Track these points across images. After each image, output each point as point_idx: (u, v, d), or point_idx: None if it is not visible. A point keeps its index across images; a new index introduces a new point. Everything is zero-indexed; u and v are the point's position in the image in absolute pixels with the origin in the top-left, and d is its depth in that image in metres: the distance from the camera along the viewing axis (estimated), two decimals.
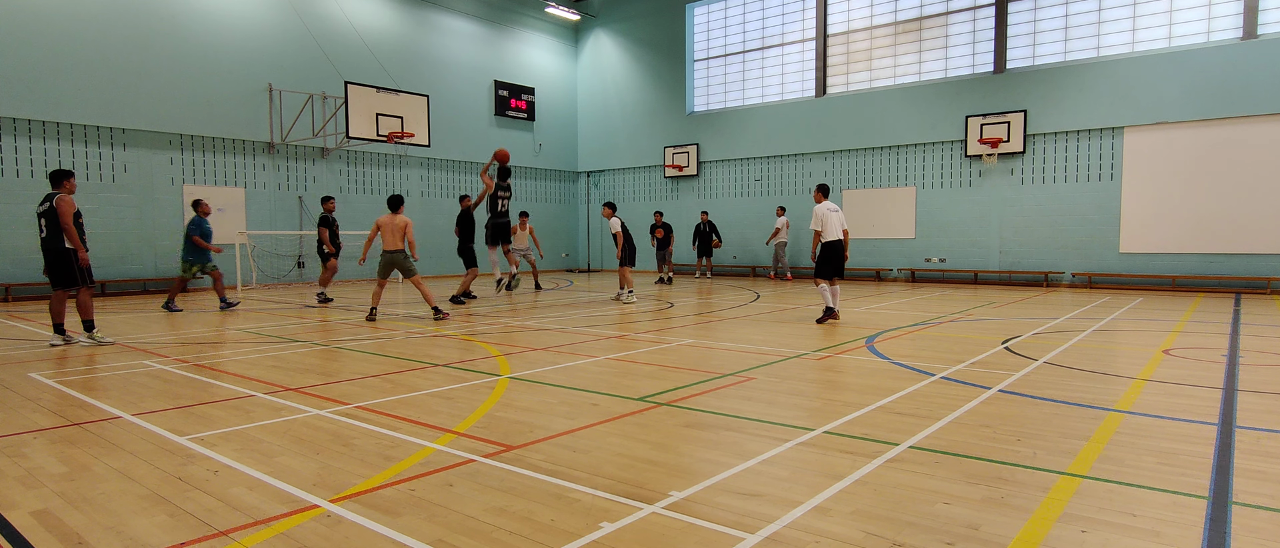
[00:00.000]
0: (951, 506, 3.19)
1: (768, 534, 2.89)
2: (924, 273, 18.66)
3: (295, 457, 3.94)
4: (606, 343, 8.11)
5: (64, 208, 7.99)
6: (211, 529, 2.98)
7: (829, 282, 9.75)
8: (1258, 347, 7.67)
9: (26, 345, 8.22)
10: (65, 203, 8.01)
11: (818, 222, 9.71)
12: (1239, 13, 14.90)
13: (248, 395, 5.50)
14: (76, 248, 8.06)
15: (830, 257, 9.72)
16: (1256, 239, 14.73)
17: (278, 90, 17.56)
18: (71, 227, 7.99)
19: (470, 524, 3.01)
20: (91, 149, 14.96)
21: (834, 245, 9.70)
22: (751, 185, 21.79)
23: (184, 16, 16.12)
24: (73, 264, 8.10)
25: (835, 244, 9.70)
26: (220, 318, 10.97)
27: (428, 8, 21.00)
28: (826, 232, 9.67)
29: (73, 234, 8.00)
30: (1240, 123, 14.84)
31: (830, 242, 9.70)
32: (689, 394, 5.44)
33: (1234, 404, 5.09)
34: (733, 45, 22.37)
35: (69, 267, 8.08)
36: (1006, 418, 4.69)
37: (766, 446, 4.10)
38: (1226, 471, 3.65)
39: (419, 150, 20.50)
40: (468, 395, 5.46)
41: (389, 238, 10.42)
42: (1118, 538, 2.85)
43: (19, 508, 3.25)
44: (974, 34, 18.03)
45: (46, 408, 5.15)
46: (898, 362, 6.80)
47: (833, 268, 9.71)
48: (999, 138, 17.14)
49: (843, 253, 9.73)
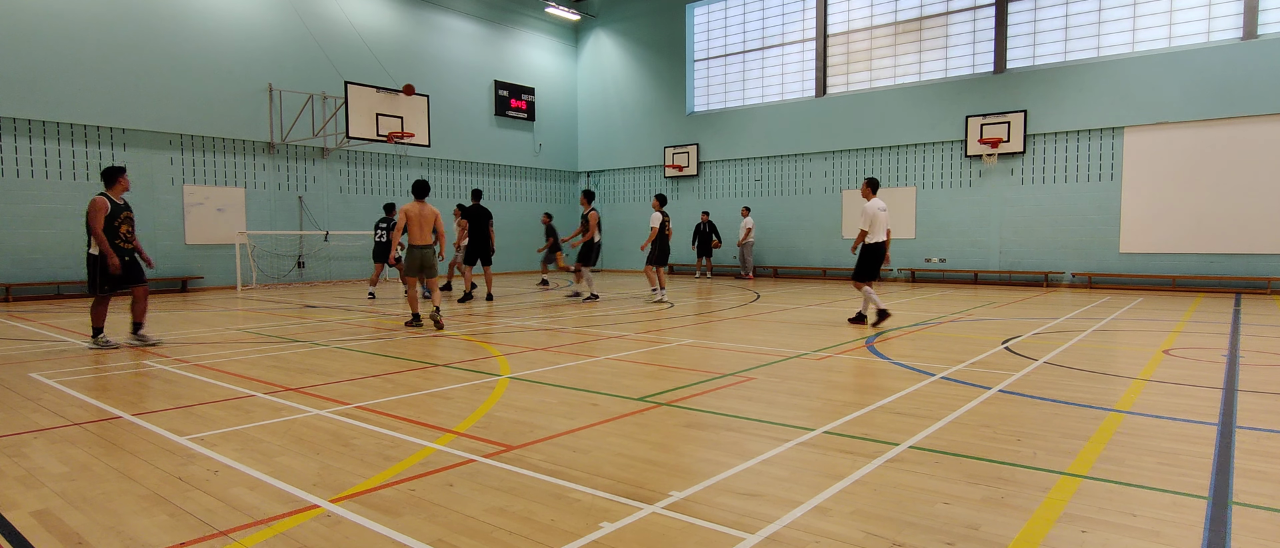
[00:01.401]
0: (951, 506, 3.19)
1: (768, 534, 2.89)
2: (924, 273, 18.66)
3: (295, 457, 3.94)
4: (606, 343, 8.11)
5: (90, 209, 7.64)
6: (212, 529, 2.98)
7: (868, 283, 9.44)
8: (1258, 347, 7.67)
9: (27, 345, 8.22)
10: (93, 203, 7.64)
11: (866, 220, 9.24)
12: (1239, 13, 14.89)
13: (248, 395, 5.50)
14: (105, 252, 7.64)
15: (875, 258, 9.31)
16: (1256, 239, 14.73)
17: (278, 90, 17.56)
18: (98, 229, 7.58)
19: (470, 524, 3.01)
20: (91, 149, 14.97)
21: (879, 247, 9.31)
22: (751, 185, 21.79)
23: (184, 17, 16.12)
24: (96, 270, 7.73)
25: (880, 246, 9.31)
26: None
27: (428, 8, 21.01)
28: (874, 231, 9.24)
29: (100, 238, 7.58)
30: (1240, 123, 14.84)
31: (875, 243, 9.28)
32: (689, 394, 5.44)
33: (1234, 404, 5.09)
34: (733, 45, 22.37)
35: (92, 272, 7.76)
36: (1006, 418, 4.69)
37: (766, 446, 4.10)
38: (1226, 471, 3.65)
39: (419, 150, 20.50)
40: (468, 395, 5.46)
41: (418, 231, 9.28)
42: (1118, 538, 2.85)
43: (19, 508, 3.25)
44: (974, 34, 18.04)
45: (46, 408, 5.15)
46: (898, 362, 6.80)
47: (875, 270, 9.35)
48: (999, 138, 17.14)
49: (885, 254, 9.39)
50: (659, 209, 12.94)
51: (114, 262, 7.66)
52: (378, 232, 14.65)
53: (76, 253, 14.67)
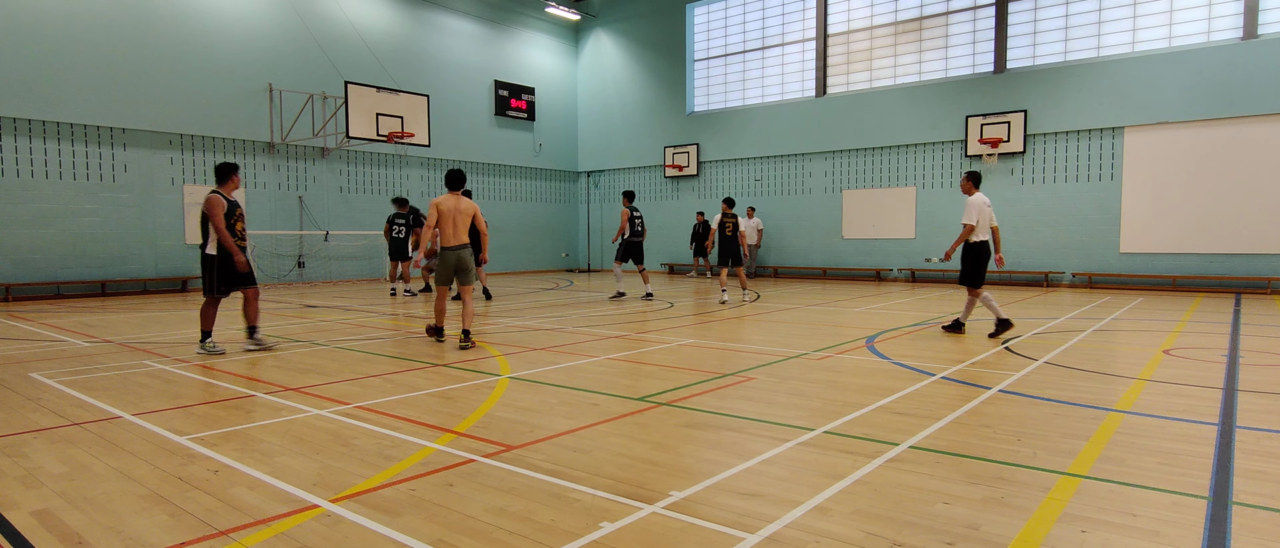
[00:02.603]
0: (951, 506, 3.19)
1: (768, 534, 2.89)
2: (924, 273, 18.66)
3: (295, 457, 3.94)
4: (606, 343, 8.11)
5: (208, 207, 7.30)
6: (212, 529, 2.98)
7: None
8: (1258, 347, 7.67)
9: (27, 345, 8.22)
10: (210, 201, 7.31)
11: (972, 215, 8.36)
12: (1239, 13, 14.89)
13: (248, 395, 5.50)
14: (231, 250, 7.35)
15: (983, 258, 8.47)
16: (1256, 239, 14.73)
17: (278, 90, 17.56)
18: (221, 226, 7.28)
19: (470, 524, 3.01)
20: (91, 149, 14.96)
21: (986, 246, 8.47)
22: (752, 185, 21.79)
23: (184, 17, 16.12)
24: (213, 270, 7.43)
25: (987, 245, 8.47)
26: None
27: (428, 8, 21.00)
28: (980, 229, 8.41)
29: (225, 235, 7.28)
30: (1240, 123, 14.84)
31: (981, 242, 8.45)
32: (689, 394, 5.44)
33: (1234, 404, 5.09)
34: (733, 45, 22.37)
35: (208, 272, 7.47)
36: (1006, 418, 4.69)
37: (766, 446, 4.10)
38: (1226, 471, 3.65)
39: (419, 150, 20.50)
40: (468, 395, 5.46)
41: (451, 229, 7.85)
42: (1118, 538, 2.85)
43: (19, 508, 3.25)
44: (974, 34, 18.03)
45: (47, 408, 5.15)
46: (898, 362, 6.80)
47: (984, 271, 8.51)
48: (999, 138, 17.14)
49: (993, 254, 8.55)
50: (729, 211, 13.11)
51: (241, 259, 7.40)
52: (395, 228, 14.42)
53: (77, 253, 14.67)
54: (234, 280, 7.55)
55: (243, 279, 7.62)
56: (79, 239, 14.77)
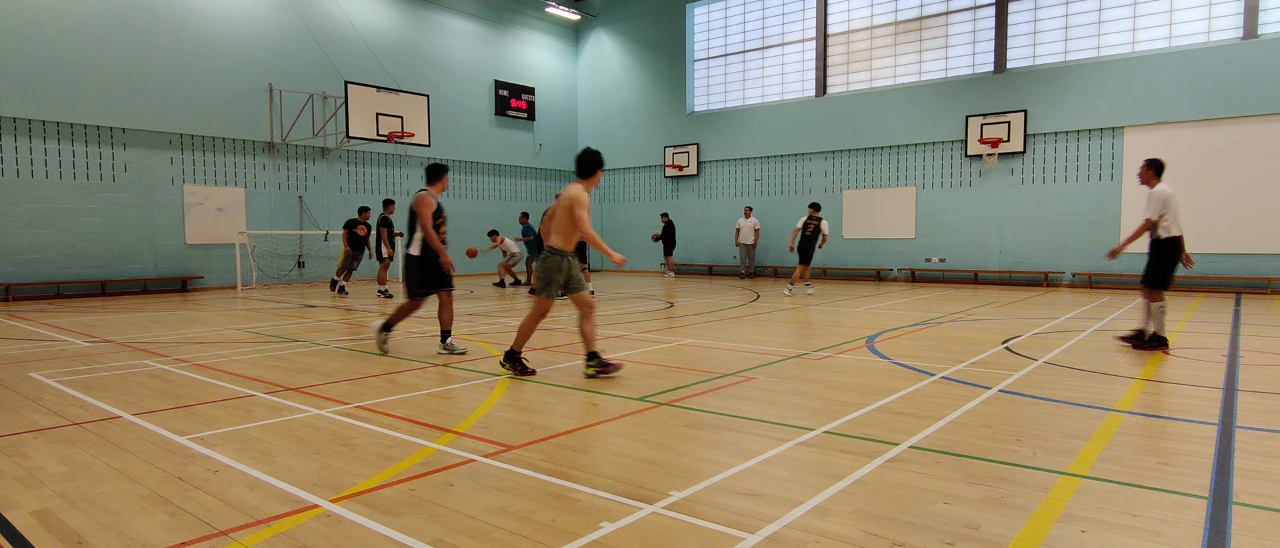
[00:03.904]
0: (951, 506, 3.19)
1: (768, 534, 2.89)
2: (924, 273, 18.65)
3: (295, 457, 3.94)
4: (606, 343, 8.10)
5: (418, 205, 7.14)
6: (212, 529, 2.98)
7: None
8: (1258, 347, 7.67)
9: (27, 345, 8.22)
10: (421, 199, 7.14)
11: (1155, 207, 7.25)
12: (1239, 13, 14.89)
13: (248, 395, 5.50)
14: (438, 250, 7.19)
15: (1174, 257, 7.35)
16: (1256, 239, 14.72)
17: (278, 90, 17.56)
18: (429, 226, 7.11)
19: (470, 524, 3.01)
20: (91, 149, 14.96)
21: (1178, 244, 7.34)
22: (751, 185, 21.79)
23: (184, 17, 16.12)
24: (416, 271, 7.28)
25: (1179, 242, 7.34)
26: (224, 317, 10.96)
27: (428, 7, 21.00)
28: (1171, 223, 7.30)
29: (432, 235, 7.12)
30: (1241, 123, 14.84)
31: (1174, 237, 7.32)
32: (689, 394, 5.44)
33: (1234, 404, 5.08)
34: (733, 45, 22.37)
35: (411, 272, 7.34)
36: (1006, 418, 4.69)
37: (766, 445, 4.09)
38: (1226, 471, 3.65)
39: (419, 150, 20.49)
40: (468, 395, 5.46)
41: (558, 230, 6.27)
42: (1118, 538, 2.85)
43: (19, 508, 3.25)
44: (974, 34, 18.03)
45: (46, 408, 5.15)
46: (898, 362, 6.80)
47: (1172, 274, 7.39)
48: (999, 138, 17.14)
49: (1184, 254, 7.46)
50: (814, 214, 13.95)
51: (447, 259, 7.21)
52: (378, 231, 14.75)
53: (77, 253, 14.68)
54: (436, 282, 7.35)
55: (443, 281, 7.38)
56: (79, 239, 14.77)
